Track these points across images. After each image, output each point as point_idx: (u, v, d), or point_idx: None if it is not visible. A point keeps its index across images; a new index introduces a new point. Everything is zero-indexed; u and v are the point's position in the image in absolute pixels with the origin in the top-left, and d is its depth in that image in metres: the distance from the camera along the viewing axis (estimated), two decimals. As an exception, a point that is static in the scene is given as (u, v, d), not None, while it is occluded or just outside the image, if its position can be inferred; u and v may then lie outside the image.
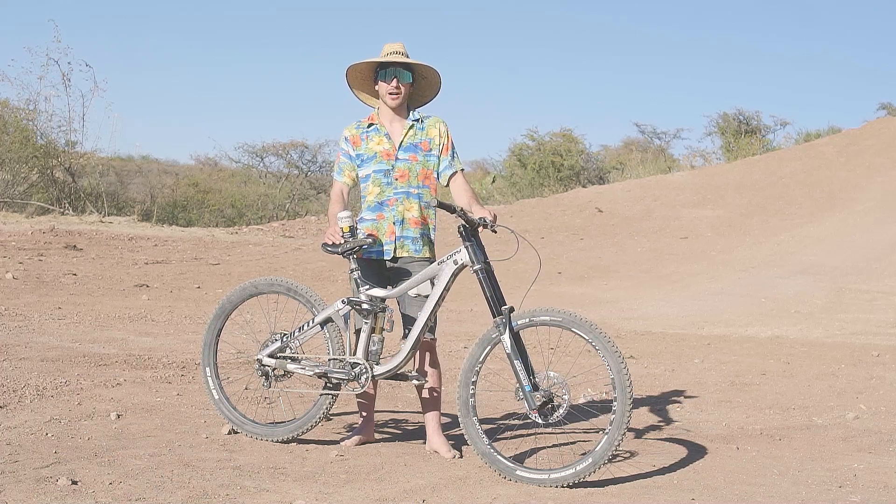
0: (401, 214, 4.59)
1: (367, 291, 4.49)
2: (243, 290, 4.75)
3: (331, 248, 4.50)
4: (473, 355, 4.30)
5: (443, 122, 4.73)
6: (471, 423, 4.25)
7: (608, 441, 4.03)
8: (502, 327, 4.20)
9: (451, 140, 4.72)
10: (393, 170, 4.62)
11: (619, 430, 4.03)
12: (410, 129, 4.67)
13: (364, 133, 4.70)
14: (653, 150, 29.07)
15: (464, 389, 4.28)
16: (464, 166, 4.76)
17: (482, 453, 4.21)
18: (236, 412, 4.70)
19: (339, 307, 4.53)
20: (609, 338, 4.11)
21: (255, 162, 25.84)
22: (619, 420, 4.04)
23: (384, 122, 4.69)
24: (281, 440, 4.59)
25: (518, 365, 4.18)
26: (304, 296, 4.63)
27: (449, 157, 4.69)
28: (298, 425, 4.57)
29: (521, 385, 4.17)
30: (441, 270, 4.39)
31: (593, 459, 4.04)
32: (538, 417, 4.16)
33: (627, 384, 4.04)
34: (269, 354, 4.63)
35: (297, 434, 4.57)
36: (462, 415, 4.27)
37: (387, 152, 4.64)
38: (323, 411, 4.55)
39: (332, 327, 4.55)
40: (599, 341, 4.08)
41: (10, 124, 16.58)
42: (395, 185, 4.62)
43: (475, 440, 4.23)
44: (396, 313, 4.59)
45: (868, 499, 4.02)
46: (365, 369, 4.47)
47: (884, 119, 27.22)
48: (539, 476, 4.10)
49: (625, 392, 4.03)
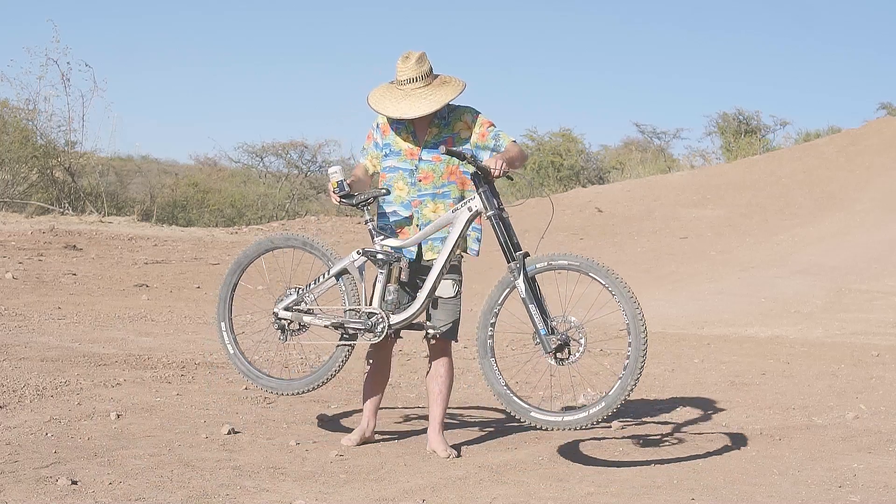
0: (426, 218, 4.56)
1: (381, 241, 4.49)
2: (259, 244, 4.77)
3: (345, 201, 4.49)
4: (493, 297, 4.33)
5: (469, 111, 4.59)
6: (488, 364, 4.28)
7: (621, 385, 4.07)
8: (517, 272, 4.22)
9: (487, 124, 4.56)
10: (416, 170, 4.57)
11: (633, 375, 4.06)
12: (435, 128, 4.59)
13: (395, 125, 4.63)
14: (653, 150, 29.04)
15: (482, 331, 4.31)
16: (513, 138, 4.57)
17: (498, 394, 4.24)
18: (251, 367, 4.69)
19: (355, 258, 4.53)
20: (625, 283, 4.15)
21: (254, 162, 25.82)
22: (632, 365, 4.07)
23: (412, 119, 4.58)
24: (298, 392, 4.58)
25: (533, 308, 4.22)
26: (320, 249, 4.64)
27: (492, 141, 4.53)
28: (315, 378, 4.57)
29: (537, 329, 4.21)
30: (456, 218, 4.39)
31: (606, 403, 4.07)
32: (553, 360, 4.18)
33: (643, 330, 4.07)
34: (285, 308, 4.63)
35: (314, 387, 4.56)
36: (480, 355, 4.31)
37: (411, 151, 4.59)
38: (339, 363, 4.54)
39: (347, 279, 4.55)
40: (616, 286, 4.14)
41: (10, 124, 16.55)
42: (419, 187, 4.57)
43: (492, 381, 4.26)
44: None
45: (868, 499, 4.02)
46: (381, 318, 4.47)
47: (884, 119, 27.16)
48: (553, 418, 4.13)
49: (639, 338, 4.06)
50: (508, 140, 4.56)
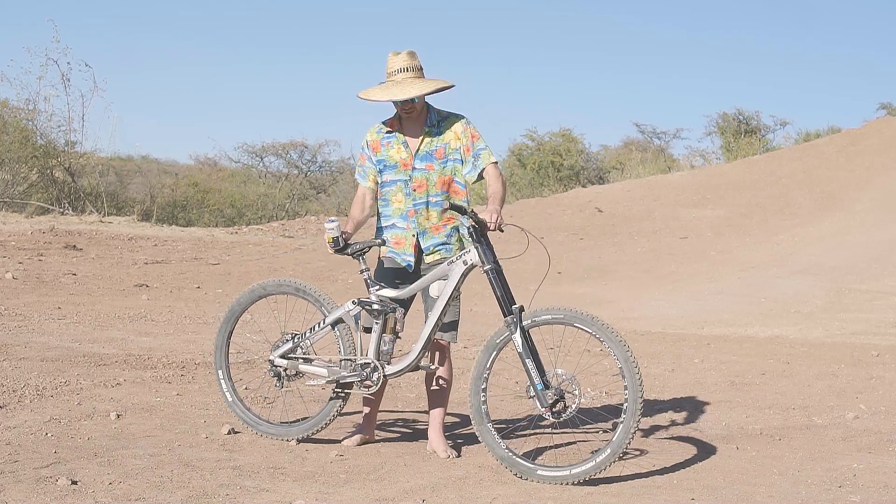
0: (422, 226, 4.56)
1: (377, 292, 4.49)
2: (252, 292, 4.78)
3: (340, 250, 4.50)
4: (480, 363, 4.31)
5: (461, 120, 4.60)
6: (486, 430, 4.26)
7: (624, 429, 4.05)
8: (513, 326, 4.21)
9: (474, 137, 4.56)
10: (411, 180, 4.57)
11: (634, 417, 4.05)
12: (427, 136, 4.58)
13: (384, 139, 4.63)
14: (652, 149, 29.03)
15: (475, 397, 4.29)
16: (496, 159, 4.58)
17: (501, 458, 4.21)
18: (250, 413, 4.73)
19: (350, 308, 4.54)
20: (612, 328, 4.13)
21: (254, 162, 25.85)
22: (631, 407, 4.06)
23: (402, 130, 4.61)
24: (295, 439, 4.62)
25: (530, 364, 4.19)
26: (313, 295, 4.65)
27: (472, 158, 4.55)
28: (312, 424, 4.61)
29: (533, 384, 4.18)
30: (451, 270, 4.39)
31: (612, 450, 4.05)
32: (551, 415, 4.18)
33: (636, 371, 4.05)
34: (281, 355, 4.65)
35: (311, 433, 4.61)
36: (476, 422, 4.28)
37: (404, 162, 4.58)
38: (336, 411, 4.58)
39: (343, 328, 4.58)
40: (602, 332, 4.10)
41: (10, 124, 16.56)
42: (413, 196, 4.57)
43: (493, 446, 4.24)
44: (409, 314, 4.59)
45: (868, 499, 4.03)
46: (376, 368, 4.47)
47: (884, 119, 27.16)
48: (561, 473, 4.10)
49: (634, 379, 4.05)
50: (489, 161, 4.55)
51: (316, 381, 4.59)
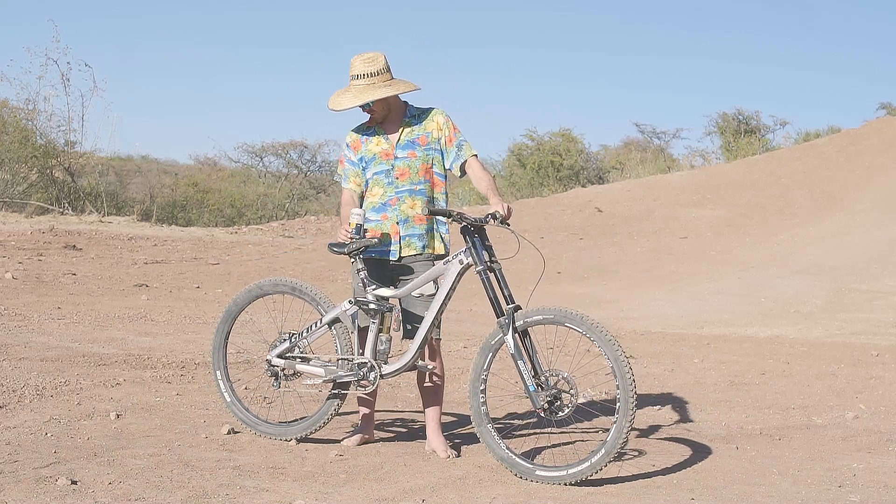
0: (404, 213, 4.57)
1: (373, 291, 4.49)
2: (248, 292, 4.79)
3: (337, 249, 4.51)
4: (477, 365, 4.31)
5: (441, 112, 4.67)
6: (486, 431, 4.26)
7: (617, 428, 4.05)
8: (505, 328, 4.21)
9: (454, 129, 4.64)
10: (393, 169, 4.60)
11: (627, 416, 4.04)
12: (407, 127, 4.64)
13: (363, 136, 4.68)
14: (652, 149, 29.03)
15: (474, 399, 4.29)
16: (476, 151, 4.65)
17: (501, 458, 4.21)
18: (249, 413, 4.74)
19: (347, 307, 4.55)
20: (602, 328, 4.11)
21: (254, 162, 25.87)
22: (623, 406, 4.05)
23: (381, 125, 4.66)
24: (293, 439, 4.62)
25: (521, 365, 4.18)
26: (310, 294, 4.66)
27: (454, 149, 4.61)
28: (310, 423, 4.62)
29: (526, 385, 4.18)
30: (447, 270, 4.39)
31: (606, 449, 4.05)
32: (545, 415, 4.18)
33: (627, 370, 4.05)
34: (278, 355, 4.65)
35: (309, 432, 4.61)
36: (476, 423, 4.29)
37: (385, 152, 4.62)
38: (333, 409, 4.59)
39: (340, 327, 4.59)
40: (593, 332, 4.09)
41: (10, 124, 16.57)
42: (396, 185, 4.59)
43: (493, 447, 4.24)
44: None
45: (868, 499, 4.03)
46: (373, 368, 4.48)
47: (884, 119, 27.16)
48: (558, 473, 4.10)
49: (625, 378, 4.04)
50: (470, 153, 4.62)
51: (313, 380, 4.59)
